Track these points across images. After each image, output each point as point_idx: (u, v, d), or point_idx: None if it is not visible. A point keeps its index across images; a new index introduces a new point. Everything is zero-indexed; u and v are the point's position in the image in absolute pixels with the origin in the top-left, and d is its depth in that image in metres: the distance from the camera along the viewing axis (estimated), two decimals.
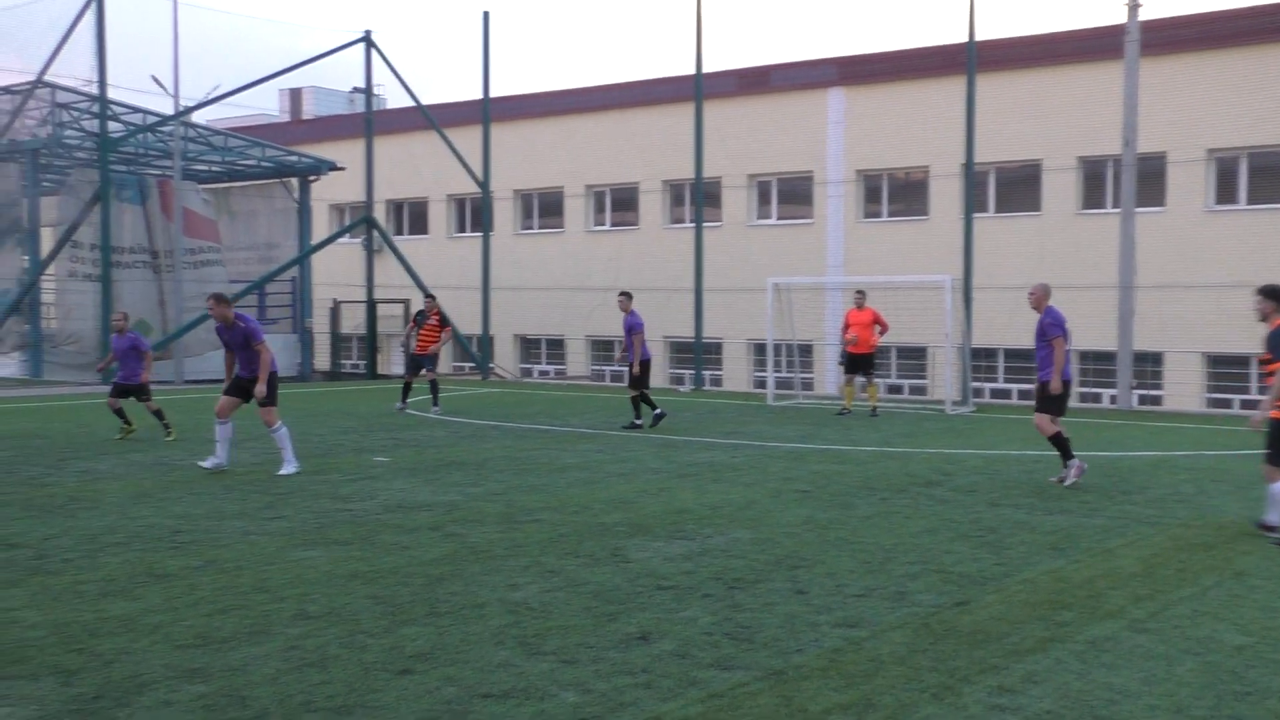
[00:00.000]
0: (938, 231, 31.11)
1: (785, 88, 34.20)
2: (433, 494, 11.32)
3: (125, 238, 30.93)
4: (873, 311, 21.15)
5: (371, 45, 32.95)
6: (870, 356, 21.17)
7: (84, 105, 30.03)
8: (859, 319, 20.98)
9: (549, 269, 38.02)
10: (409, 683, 5.59)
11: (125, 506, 10.49)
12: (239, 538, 9.07)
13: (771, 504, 10.91)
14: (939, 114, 30.71)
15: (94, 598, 7.15)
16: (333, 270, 38.72)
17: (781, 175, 34.55)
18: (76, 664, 5.82)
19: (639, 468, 13.44)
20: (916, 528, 9.73)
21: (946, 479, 12.69)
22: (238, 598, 7.16)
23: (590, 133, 37.92)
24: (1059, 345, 12.09)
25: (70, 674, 5.66)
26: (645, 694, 5.48)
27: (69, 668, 5.76)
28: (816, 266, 32.94)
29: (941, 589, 7.58)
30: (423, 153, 39.21)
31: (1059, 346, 12.09)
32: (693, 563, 8.29)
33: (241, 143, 34.52)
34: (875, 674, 5.81)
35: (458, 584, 7.58)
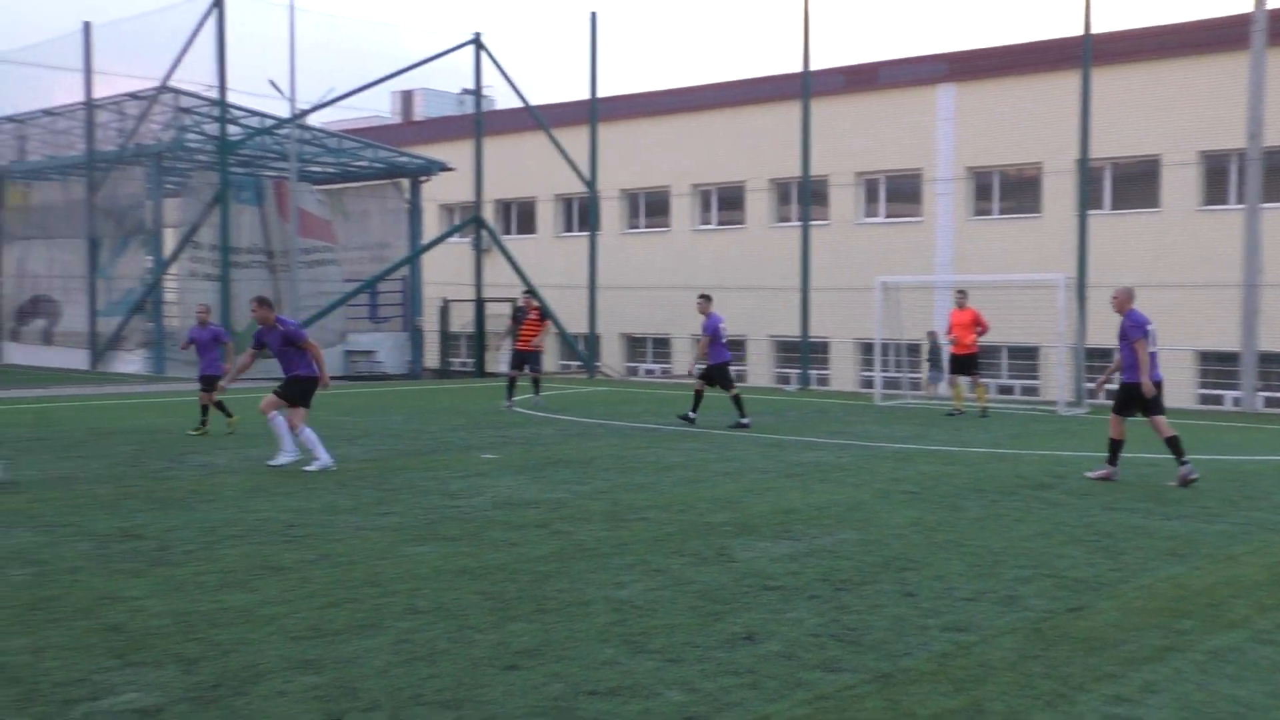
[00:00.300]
0: (1051, 229, 30.47)
1: (894, 84, 33.79)
2: (540, 491, 11.42)
3: (243, 238, 31.77)
4: (973, 312, 20.70)
5: (481, 47, 33.34)
6: (973, 357, 20.75)
7: (205, 110, 30.91)
8: (959, 319, 20.63)
9: (655, 268, 38.09)
10: (516, 678, 5.65)
11: (242, 500, 10.77)
12: (351, 533, 9.25)
13: (879, 505, 10.80)
14: (1052, 109, 30.07)
15: (213, 589, 7.35)
16: (442, 269, 39.29)
17: (889, 173, 34.15)
18: (197, 653, 5.99)
19: (744, 467, 13.40)
20: (1027, 531, 9.54)
21: (1059, 481, 12.42)
22: (350, 591, 7.30)
23: (696, 132, 37.89)
24: (1140, 347, 12.15)
25: (191, 662, 5.83)
26: (751, 694, 5.46)
27: (190, 656, 5.93)
28: (925, 265, 32.49)
29: (1054, 594, 7.42)
30: (531, 153, 39.56)
31: (1140, 349, 12.15)
32: (799, 563, 8.24)
33: (355, 144, 35.23)
34: (985, 679, 5.71)
35: (564, 581, 7.63)
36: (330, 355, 32.62)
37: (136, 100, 32.37)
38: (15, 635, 6.27)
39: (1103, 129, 27.97)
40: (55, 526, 9.36)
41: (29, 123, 36.65)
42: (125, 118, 33.12)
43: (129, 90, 32.63)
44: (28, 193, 37.47)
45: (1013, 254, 30.81)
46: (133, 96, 32.53)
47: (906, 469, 13.34)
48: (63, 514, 9.94)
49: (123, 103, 33.14)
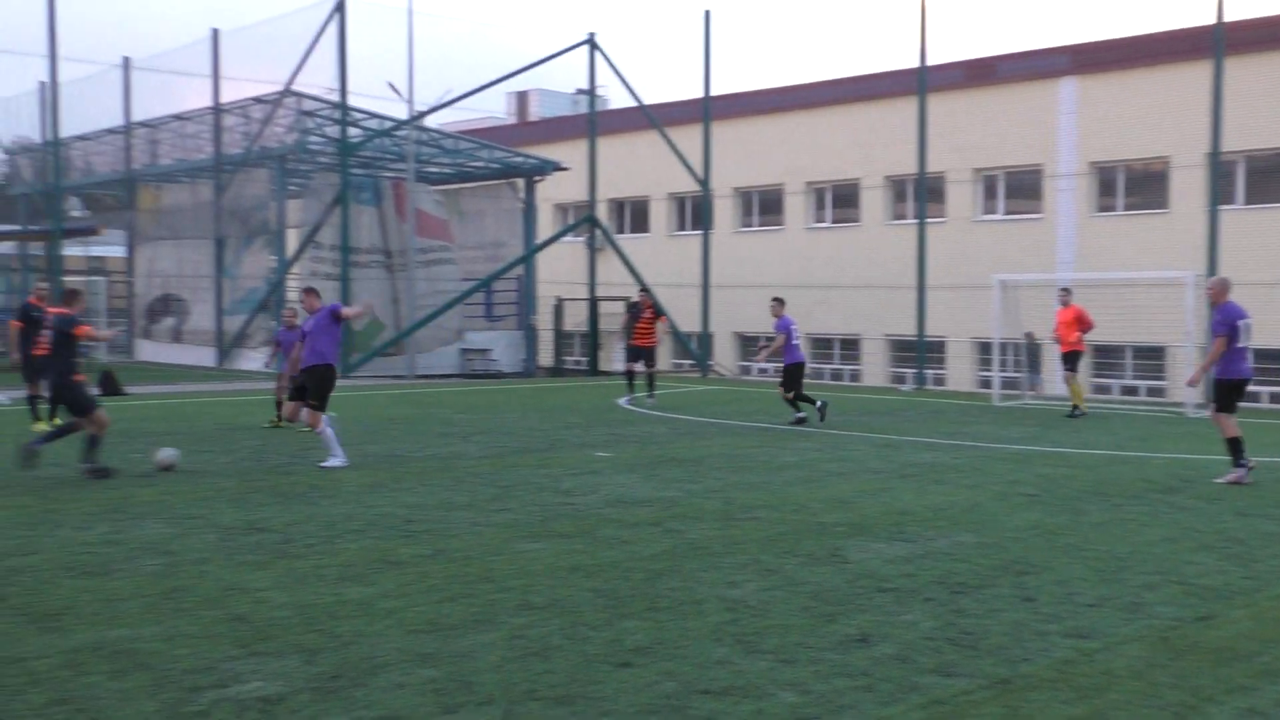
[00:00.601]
0: (1179, 225, 29.54)
1: (1014, 78, 33.09)
2: (653, 490, 11.44)
3: (362, 238, 32.42)
4: (1076, 309, 20.35)
5: (595, 47, 33.52)
6: (1076, 354, 20.38)
7: (326, 113, 31.60)
8: (1062, 317, 20.29)
9: (769, 267, 37.88)
10: (628, 676, 5.66)
11: (361, 495, 10.99)
12: (467, 528, 9.37)
13: (996, 507, 10.59)
14: (1181, 101, 29.16)
15: (333, 581, 7.51)
16: (556, 268, 39.60)
17: (1009, 169, 33.46)
18: (317, 644, 6.13)
19: (858, 467, 13.26)
20: (1154, 536, 9.27)
21: (1187, 485, 12.05)
22: (465, 586, 7.40)
23: (811, 129, 37.59)
24: (1218, 344, 12.22)
25: (312, 653, 5.97)
26: (865, 697, 5.40)
27: (311, 647, 6.07)
28: (1045, 262, 31.75)
29: (1182, 602, 7.19)
30: (644, 152, 39.65)
31: (1218, 345, 12.23)
32: (914, 565, 8.12)
33: (471, 145, 35.69)
34: (1108, 688, 5.56)
35: (677, 580, 7.63)
36: (447, 353, 33.16)
37: (261, 104, 33.23)
38: (148, 623, 6.48)
39: (1235, 121, 27.01)
40: (184, 519, 9.67)
41: (160, 127, 37.88)
42: (250, 121, 34.03)
43: (254, 94, 33.53)
44: (158, 195, 38.77)
45: (1138, 251, 29.96)
46: (258, 100, 33.41)
47: (1025, 471, 13.07)
48: (191, 507, 10.26)
49: (248, 107, 34.05)
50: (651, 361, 21.86)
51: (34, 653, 5.92)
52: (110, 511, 9.95)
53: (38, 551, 8.34)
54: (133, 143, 38.39)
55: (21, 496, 10.72)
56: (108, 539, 8.79)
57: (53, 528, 9.22)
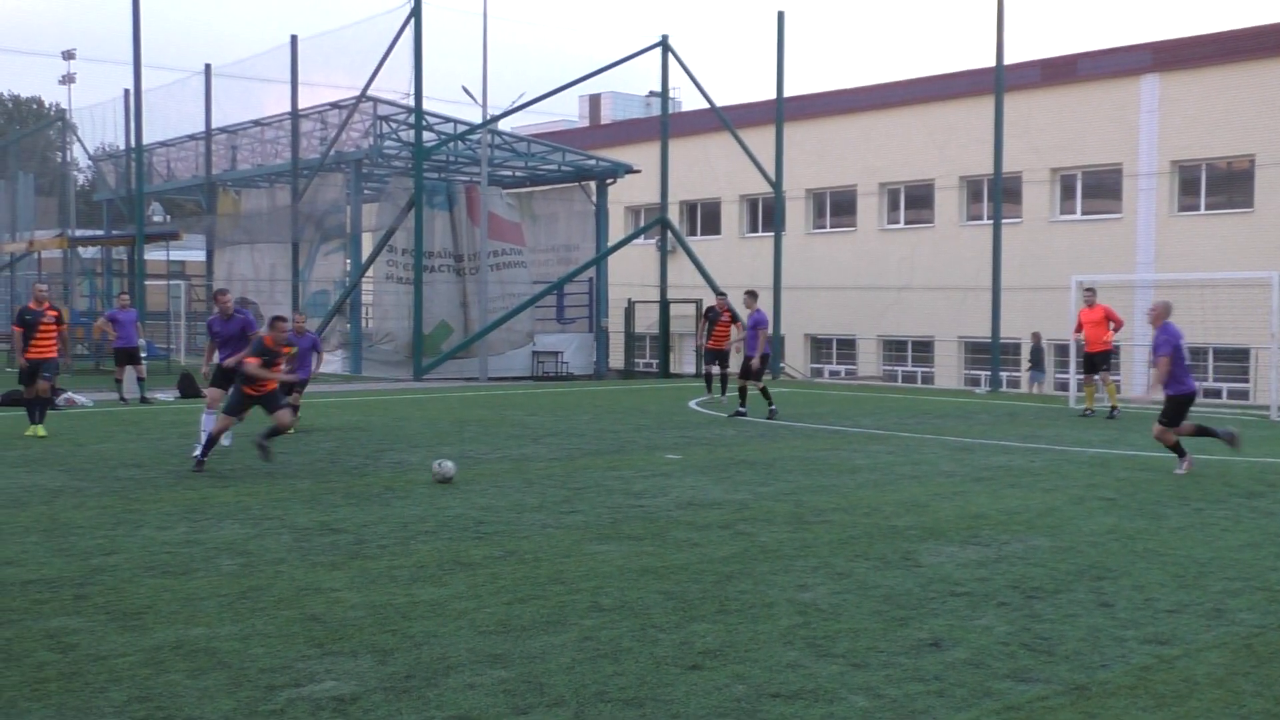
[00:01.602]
0: (1264, 224, 28.90)
1: (1094, 76, 32.58)
2: (723, 492, 11.42)
3: (435, 242, 32.72)
4: (1104, 308, 20.22)
5: (668, 50, 33.53)
6: (1106, 354, 20.19)
7: (402, 117, 31.95)
8: (1090, 317, 20.05)
9: (841, 268, 37.65)
10: (698, 678, 5.66)
11: (434, 497, 11.09)
12: (537, 530, 9.42)
13: (1073, 511, 10.42)
14: (1266, 98, 28.54)
15: (406, 582, 7.59)
16: (628, 271, 39.69)
17: (1087, 168, 32.95)
18: (391, 644, 6.19)
19: (931, 470, 13.12)
20: (1236, 541, 9.06)
21: (1272, 490, 11.77)
22: (536, 588, 7.44)
23: (884, 130, 37.31)
24: (1163, 364, 12.79)
25: (385, 653, 6.03)
26: (937, 702, 5.34)
27: (384, 647, 6.14)
28: (1125, 263, 31.22)
29: (1266, 608, 7.03)
30: (716, 154, 39.61)
31: (1163, 365, 12.80)
32: (988, 569, 8.02)
33: (543, 148, 35.89)
34: (1189, 695, 5.45)
35: (747, 582, 7.61)
36: (518, 355, 33.35)
37: (338, 109, 33.68)
38: (226, 622, 6.60)
39: None
40: (261, 519, 9.83)
41: (239, 133, 38.56)
42: (327, 126, 34.50)
43: (331, 100, 34.01)
44: (238, 200, 39.48)
45: (1221, 251, 29.35)
46: (334, 106, 33.86)
47: (1102, 474, 12.85)
48: (267, 508, 10.42)
49: (325, 112, 34.54)
50: (727, 364, 22.62)
51: (116, 650, 6.05)
52: (190, 512, 10.15)
53: (120, 551, 8.52)
54: (213, 148, 39.12)
55: (105, 498, 10.97)
56: (187, 539, 8.96)
57: (134, 528, 9.42)
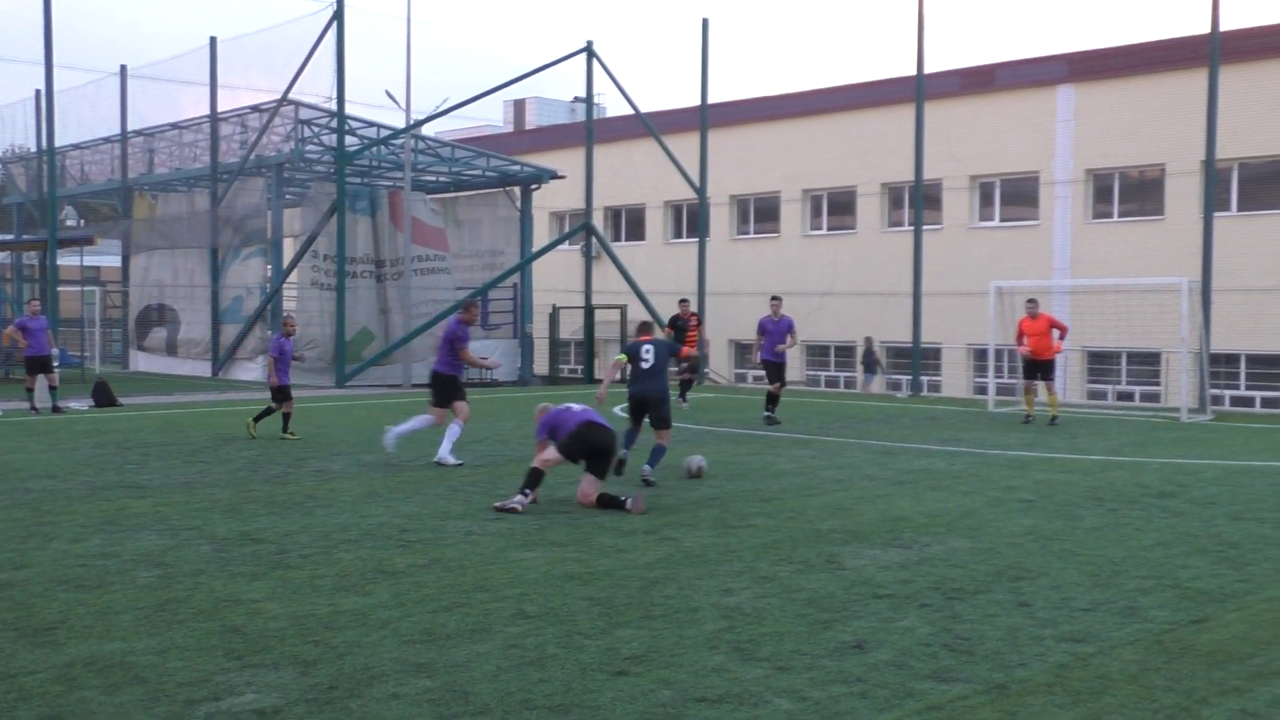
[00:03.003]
0: (1174, 232, 29.61)
1: (1011, 86, 33.16)
2: (648, 497, 11.42)
3: (358, 247, 32.42)
4: (1048, 318, 20.51)
5: (593, 55, 33.54)
6: (1050, 363, 20.52)
7: (324, 121, 31.62)
8: (1033, 328, 20.31)
9: (764, 274, 37.90)
10: (624, 684, 5.66)
11: (358, 505, 10.99)
12: (462, 538, 9.37)
13: (992, 513, 10.60)
14: (1176, 109, 29.25)
15: (329, 592, 7.51)
16: (552, 276, 39.61)
17: (1005, 176, 33.52)
18: (313, 655, 6.12)
19: (854, 474, 13.26)
20: (1149, 540, 9.28)
21: (1181, 490, 12.06)
22: (461, 596, 7.40)
23: (808, 137, 37.65)
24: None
25: (308, 664, 5.96)
26: (861, 703, 5.40)
27: (306, 658, 6.06)
28: (1042, 269, 31.82)
29: (1177, 605, 7.20)
30: (641, 160, 39.69)
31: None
32: (910, 571, 8.13)
33: (467, 153, 35.71)
34: (1104, 692, 5.57)
35: (672, 587, 7.63)
36: None
37: (258, 112, 33.25)
38: (142, 636, 6.48)
39: (1230, 128, 27.07)
40: (180, 530, 9.66)
41: (157, 136, 37.89)
42: (247, 130, 34.04)
43: (251, 103, 33.56)
44: (154, 204, 38.77)
45: (1133, 257, 30.01)
46: (255, 109, 33.42)
47: (1021, 477, 13.08)
48: (187, 518, 10.25)
49: (245, 115, 34.07)
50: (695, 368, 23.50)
51: (25, 668, 5.91)
52: (105, 524, 9.94)
53: (30, 565, 8.32)
54: (129, 151, 38.41)
55: (15, 510, 10.72)
56: (102, 551, 8.77)
57: (46, 541, 9.20)
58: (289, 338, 17.86)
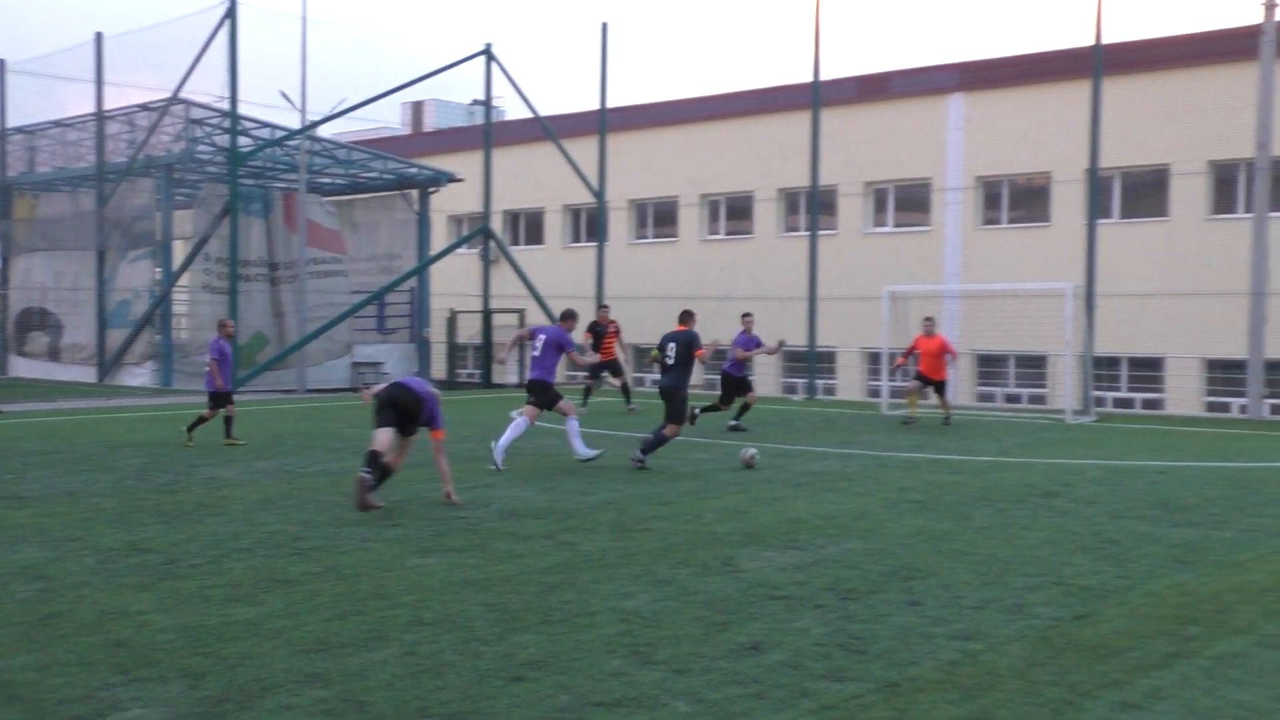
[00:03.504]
0: (1060, 238, 30.42)
1: (904, 94, 33.78)
2: (547, 502, 11.42)
3: (251, 250, 31.84)
4: (941, 340, 20.90)
5: (491, 58, 33.38)
6: (943, 381, 20.99)
7: (216, 121, 31.00)
8: (927, 346, 20.70)
9: (663, 278, 38.08)
10: (522, 690, 5.65)
11: (250, 513, 10.79)
12: (357, 545, 9.26)
13: (885, 514, 10.78)
14: (1062, 118, 30.06)
15: (220, 602, 7.36)
16: (450, 280, 39.32)
17: (899, 182, 34.13)
18: (203, 667, 6.00)
19: (752, 477, 13.39)
20: (1035, 539, 9.52)
21: (1066, 490, 12.40)
22: (356, 604, 7.31)
23: (706, 142, 37.92)
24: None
25: (197, 677, 5.84)
26: (757, 704, 5.46)
27: (196, 671, 5.94)
28: (934, 274, 32.46)
29: (1061, 602, 7.40)
30: (540, 163, 39.61)
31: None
32: (805, 573, 8.23)
33: (364, 155, 35.29)
34: (992, 687, 5.70)
35: (570, 592, 7.63)
36: (337, 366, 32.70)
37: (147, 111, 32.46)
38: (20, 652, 6.28)
39: (1113, 138, 27.91)
40: (62, 541, 9.39)
41: (39, 134, 36.78)
42: (136, 129, 33.21)
43: (140, 101, 32.75)
44: (36, 204, 37.58)
45: (1021, 263, 30.78)
46: (144, 108, 32.63)
47: (913, 478, 13.33)
48: (69, 528, 9.96)
49: (134, 114, 33.25)
50: (620, 372, 23.69)
51: None
52: None
53: None
54: (8, 149, 37.23)
55: None
56: None
57: None
58: (229, 340, 17.45)
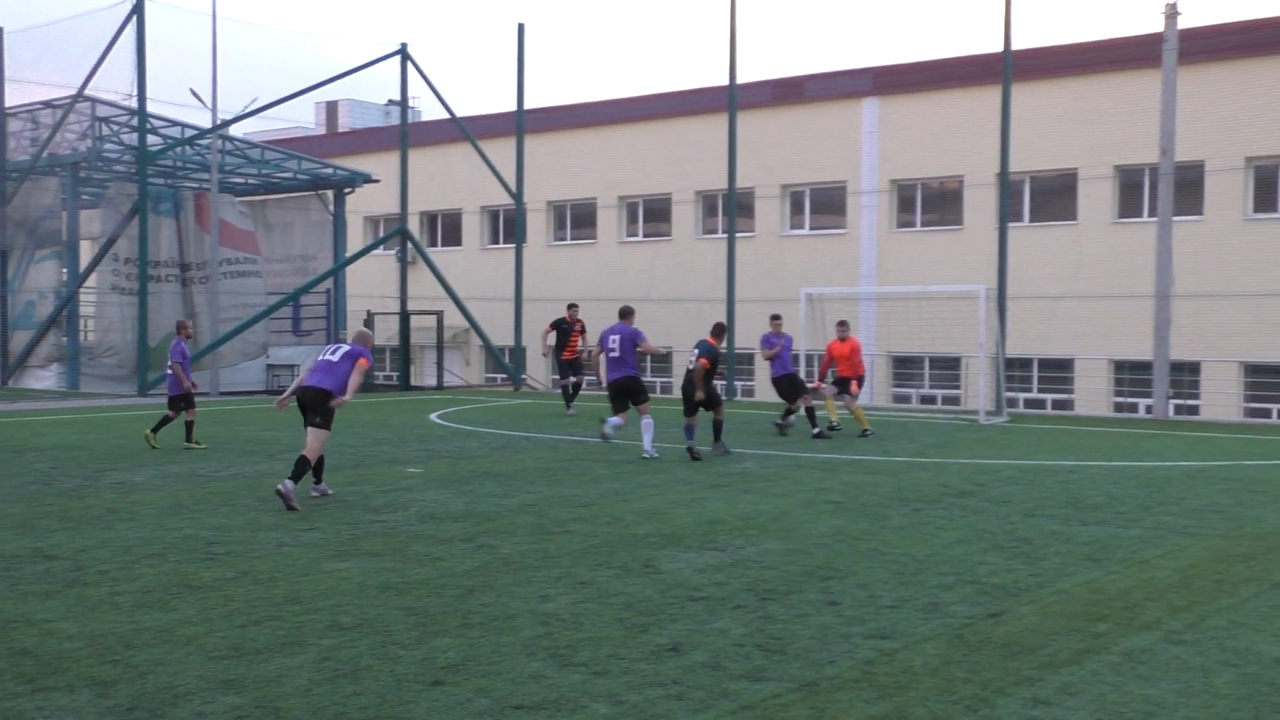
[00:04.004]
0: (972, 241, 30.95)
1: (820, 98, 34.14)
2: (465, 505, 11.36)
3: (161, 251, 31.22)
4: (855, 343, 20.14)
5: (407, 58, 33.11)
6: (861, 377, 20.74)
7: (123, 119, 30.36)
8: (840, 350, 20.39)
9: (582, 280, 38.07)
10: (441, 694, 5.61)
11: (162, 518, 10.58)
12: (273, 549, 9.13)
13: (803, 515, 10.88)
14: (974, 123, 30.58)
15: (130, 609, 7.21)
16: (367, 282, 38.93)
17: (815, 185, 34.48)
18: (112, 675, 5.86)
19: (671, 479, 13.43)
20: (950, 538, 9.67)
21: (980, 489, 12.61)
22: (272, 609, 7.20)
23: (624, 144, 37.98)
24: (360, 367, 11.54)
25: (106, 685, 5.71)
26: (677, 705, 5.47)
27: (105, 679, 5.81)
28: (849, 276, 32.84)
29: (975, 600, 7.53)
30: (457, 164, 39.38)
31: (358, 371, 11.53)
32: (724, 574, 8.27)
33: (278, 155, 34.79)
34: (908, 686, 5.78)
35: (490, 595, 7.59)
36: (252, 369, 32.19)
37: (52, 109, 31.69)
38: None
39: (1022, 143, 28.51)
40: None
41: None
42: (39, 126, 32.41)
43: (44, 98, 31.94)
44: None
45: (935, 265, 31.26)
46: (48, 105, 31.85)
47: (831, 479, 13.46)
48: None
49: (37, 111, 32.44)
50: (581, 374, 23.24)
51: None
52: None
53: None
54: None
55: None
56: None
57: None
58: (188, 340, 17.23)
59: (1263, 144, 27.48)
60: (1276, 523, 10.56)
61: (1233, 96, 27.74)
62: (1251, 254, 27.49)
